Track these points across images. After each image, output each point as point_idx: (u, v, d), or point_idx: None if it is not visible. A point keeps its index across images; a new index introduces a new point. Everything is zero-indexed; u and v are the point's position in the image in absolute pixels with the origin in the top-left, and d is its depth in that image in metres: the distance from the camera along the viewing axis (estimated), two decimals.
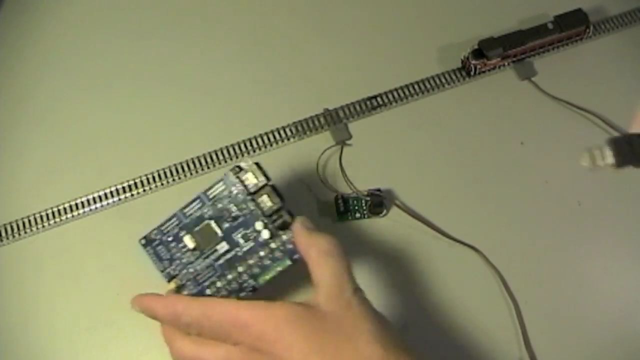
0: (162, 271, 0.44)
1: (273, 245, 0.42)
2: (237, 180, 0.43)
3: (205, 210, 0.43)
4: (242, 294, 0.42)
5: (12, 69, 0.60)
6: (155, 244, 0.44)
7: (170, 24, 0.63)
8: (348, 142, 0.56)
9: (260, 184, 0.42)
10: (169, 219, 0.44)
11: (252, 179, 0.42)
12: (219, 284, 0.42)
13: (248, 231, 0.42)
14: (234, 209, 0.43)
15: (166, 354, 0.41)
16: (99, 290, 0.50)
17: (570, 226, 0.52)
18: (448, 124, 0.57)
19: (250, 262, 0.42)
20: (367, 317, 0.37)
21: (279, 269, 0.42)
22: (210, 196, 0.43)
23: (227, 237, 0.43)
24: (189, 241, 0.43)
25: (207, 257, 0.43)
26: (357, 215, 0.52)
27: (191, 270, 0.43)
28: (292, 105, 0.58)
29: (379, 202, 0.52)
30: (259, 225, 0.42)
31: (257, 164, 0.42)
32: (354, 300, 0.37)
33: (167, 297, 0.42)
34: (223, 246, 0.43)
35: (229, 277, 0.42)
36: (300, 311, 0.36)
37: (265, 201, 0.42)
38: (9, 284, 0.51)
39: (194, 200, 0.43)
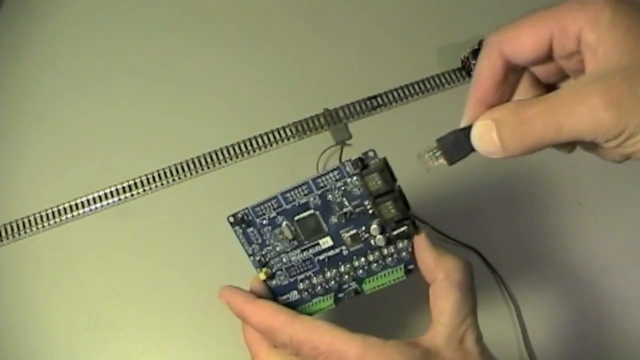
0: (250, 255, 0.39)
1: (386, 251, 0.37)
2: (357, 174, 0.36)
3: (312, 199, 0.37)
4: (341, 295, 0.38)
5: (12, 68, 0.60)
6: (245, 224, 0.38)
7: (170, 23, 0.63)
8: (348, 142, 0.56)
9: (386, 188, 0.35)
10: (266, 201, 0.38)
11: (376, 182, 0.35)
12: (314, 280, 0.38)
13: (360, 231, 0.37)
14: (346, 204, 0.36)
15: (165, 355, 0.41)
16: (99, 290, 0.50)
17: (570, 226, 0.52)
18: (448, 123, 0.57)
19: (356, 264, 0.37)
20: None
21: (389, 280, 0.37)
22: (321, 184, 0.37)
23: (333, 233, 0.37)
24: (286, 229, 0.38)
25: (306, 249, 0.38)
26: None
27: (285, 260, 0.38)
28: (292, 105, 0.58)
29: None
30: (374, 229, 0.36)
31: (385, 161, 0.35)
32: (475, 351, 0.33)
33: (263, 307, 0.36)
34: (327, 242, 0.37)
35: (328, 275, 0.38)
36: (419, 359, 0.32)
37: (389, 208, 0.35)
38: (9, 283, 0.50)
39: (299, 185, 0.37)
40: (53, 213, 0.53)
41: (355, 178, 0.36)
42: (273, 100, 0.58)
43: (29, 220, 0.52)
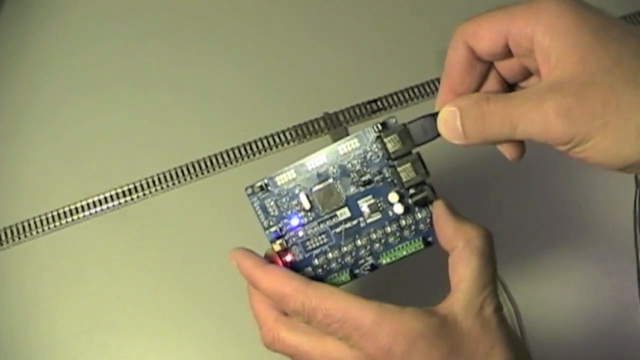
0: (266, 228, 0.38)
1: (404, 222, 0.36)
2: (377, 139, 0.36)
3: (331, 168, 0.37)
4: (357, 271, 0.37)
5: (13, 71, 0.60)
6: (263, 195, 0.37)
7: (171, 28, 0.63)
8: None
9: (406, 150, 0.35)
10: (286, 170, 0.37)
11: (396, 143, 0.35)
12: (330, 255, 0.37)
13: (378, 200, 0.36)
14: (366, 171, 0.36)
15: (166, 358, 0.41)
16: (99, 294, 0.50)
17: (569, 229, 0.52)
18: None
19: (373, 236, 0.37)
20: (505, 346, 0.32)
21: (408, 251, 0.36)
22: (341, 152, 0.36)
23: (352, 203, 0.37)
24: (304, 200, 0.37)
25: (323, 221, 0.37)
26: None
27: (300, 234, 0.37)
28: (292, 109, 0.58)
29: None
30: (393, 196, 0.36)
31: (405, 125, 0.35)
32: (494, 320, 0.32)
33: (275, 272, 0.35)
34: (344, 213, 0.37)
35: (344, 249, 0.37)
36: (437, 327, 0.31)
37: (408, 170, 0.35)
38: (10, 287, 0.51)
39: (319, 155, 0.37)
40: (53, 217, 0.53)
41: (375, 145, 0.36)
42: (273, 104, 0.59)
43: (30, 224, 0.53)
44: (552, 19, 0.29)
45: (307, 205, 0.37)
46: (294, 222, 0.37)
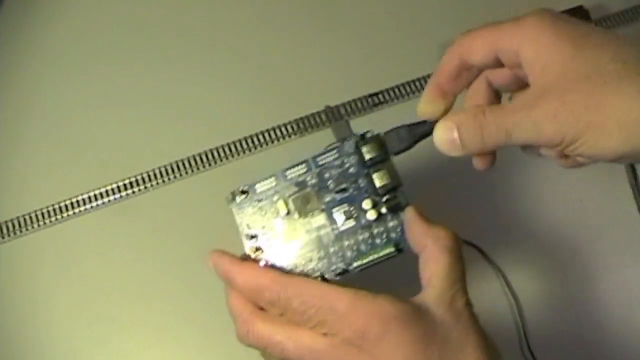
0: (243, 233, 0.39)
1: (376, 230, 0.37)
2: (354, 149, 0.38)
3: (309, 178, 0.38)
4: (327, 276, 0.37)
5: (13, 66, 0.60)
6: (242, 200, 0.39)
7: (171, 20, 0.63)
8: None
9: (381, 157, 0.38)
10: (266, 178, 0.39)
11: (372, 150, 0.38)
12: (302, 261, 0.38)
13: (352, 208, 0.38)
14: (343, 181, 0.38)
15: (167, 352, 0.41)
16: (100, 287, 0.50)
17: (571, 224, 0.52)
18: None
19: (346, 243, 0.38)
20: (477, 334, 0.33)
21: (378, 254, 0.37)
22: (320, 163, 0.38)
23: (327, 210, 0.38)
24: (282, 206, 0.38)
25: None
26: None
27: (276, 239, 0.39)
28: (293, 102, 0.58)
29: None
30: (366, 203, 0.37)
31: (379, 136, 0.38)
32: (465, 313, 0.34)
33: (251, 267, 0.37)
34: (319, 220, 0.38)
35: (317, 255, 0.38)
36: (410, 312, 0.33)
37: (382, 176, 0.37)
38: (9, 280, 0.51)
39: (299, 163, 0.39)
40: (54, 210, 0.53)
41: (352, 157, 0.38)
42: (274, 98, 0.58)
43: (30, 218, 0.52)
44: (534, 33, 0.33)
45: (283, 211, 0.38)
46: (271, 228, 0.38)
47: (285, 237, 0.38)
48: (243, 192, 0.39)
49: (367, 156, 0.38)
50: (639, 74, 0.31)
